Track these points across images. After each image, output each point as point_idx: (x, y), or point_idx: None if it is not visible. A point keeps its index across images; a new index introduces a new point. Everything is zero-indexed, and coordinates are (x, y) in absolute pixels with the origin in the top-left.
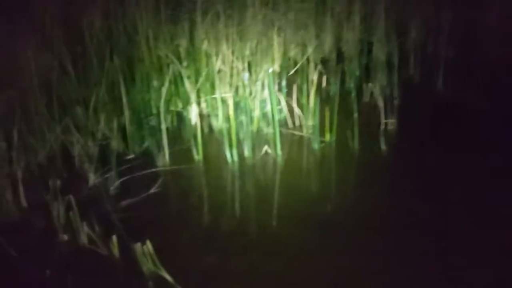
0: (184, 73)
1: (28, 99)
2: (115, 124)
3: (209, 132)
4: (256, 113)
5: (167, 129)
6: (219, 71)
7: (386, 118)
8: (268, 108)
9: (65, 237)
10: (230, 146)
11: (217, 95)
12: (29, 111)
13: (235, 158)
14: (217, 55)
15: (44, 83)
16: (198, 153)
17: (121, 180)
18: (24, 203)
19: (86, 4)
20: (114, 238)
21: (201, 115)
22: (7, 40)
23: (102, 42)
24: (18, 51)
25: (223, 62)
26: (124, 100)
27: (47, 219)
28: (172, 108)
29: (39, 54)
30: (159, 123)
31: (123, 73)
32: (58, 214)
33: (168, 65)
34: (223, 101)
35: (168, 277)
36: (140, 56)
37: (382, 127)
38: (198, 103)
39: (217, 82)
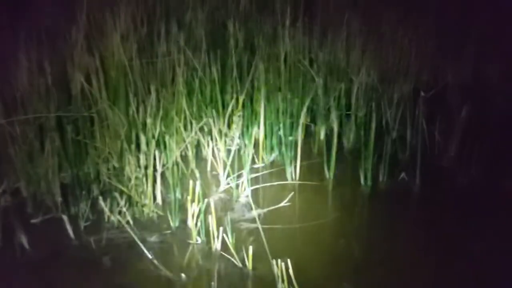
0: (320, 86)
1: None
2: (250, 131)
3: (340, 150)
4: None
5: (296, 142)
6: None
7: None
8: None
9: (199, 240)
10: (365, 168)
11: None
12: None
13: (369, 181)
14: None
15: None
16: (329, 170)
17: (251, 188)
18: (159, 201)
19: None
20: (250, 249)
21: (331, 132)
22: None
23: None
24: None
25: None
26: (262, 107)
27: (182, 220)
28: (302, 121)
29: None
30: (289, 135)
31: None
32: (193, 215)
33: (305, 76)
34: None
35: None
36: (279, 66)
37: None
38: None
39: (353, 98)
